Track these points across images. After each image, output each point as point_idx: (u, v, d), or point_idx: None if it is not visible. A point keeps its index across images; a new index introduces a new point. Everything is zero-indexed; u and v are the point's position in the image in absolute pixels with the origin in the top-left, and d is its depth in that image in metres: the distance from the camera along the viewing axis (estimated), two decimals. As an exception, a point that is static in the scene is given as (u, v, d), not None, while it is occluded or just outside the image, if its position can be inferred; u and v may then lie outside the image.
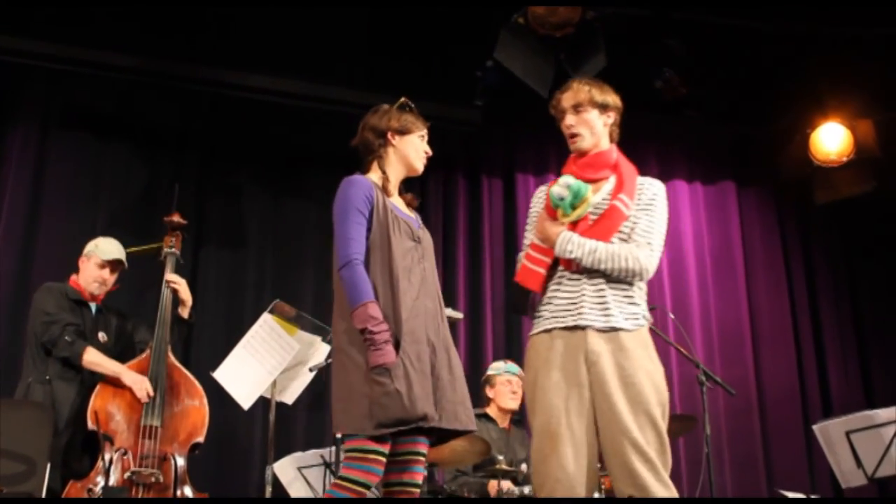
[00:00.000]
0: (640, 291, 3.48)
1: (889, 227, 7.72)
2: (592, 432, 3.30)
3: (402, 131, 3.64)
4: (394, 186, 3.66)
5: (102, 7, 6.13)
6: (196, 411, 5.11)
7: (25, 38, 6.32)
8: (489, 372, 5.91)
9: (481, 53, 6.25)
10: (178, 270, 5.44)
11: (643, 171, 7.82)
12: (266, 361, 5.08)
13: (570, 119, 3.54)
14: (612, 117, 3.59)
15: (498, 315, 7.23)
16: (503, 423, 5.74)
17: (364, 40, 6.58)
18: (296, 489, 5.46)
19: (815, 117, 7.08)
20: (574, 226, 3.43)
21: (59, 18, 6.20)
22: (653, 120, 7.26)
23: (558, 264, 3.45)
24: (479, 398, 6.06)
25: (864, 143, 6.98)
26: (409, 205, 3.74)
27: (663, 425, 3.28)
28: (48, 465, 4.13)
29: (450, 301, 6.89)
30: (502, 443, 5.60)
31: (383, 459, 3.33)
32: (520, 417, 5.83)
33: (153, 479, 4.81)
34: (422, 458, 3.50)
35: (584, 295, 3.38)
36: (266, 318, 5.22)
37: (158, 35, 6.38)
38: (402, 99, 3.72)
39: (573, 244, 3.37)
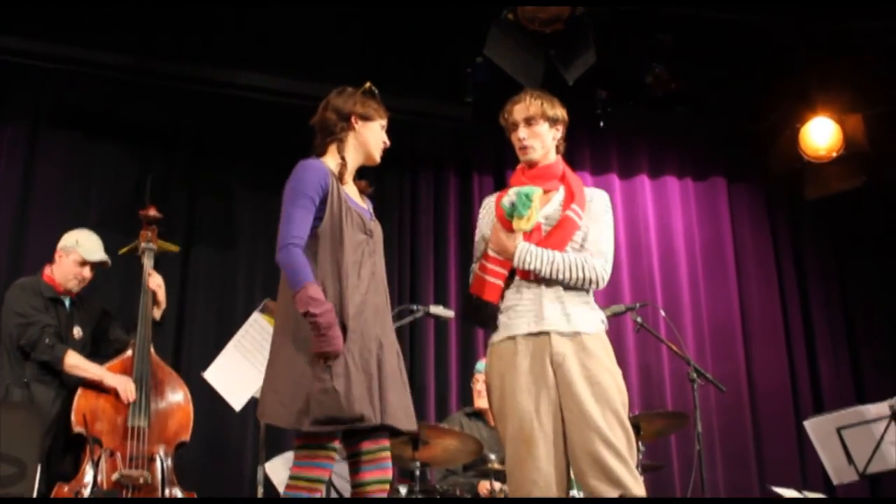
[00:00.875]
0: (592, 297, 3.56)
1: (879, 221, 7.74)
2: (561, 432, 3.37)
3: (366, 117, 3.58)
4: (349, 174, 3.59)
5: (92, 5, 6.09)
6: (181, 410, 5.09)
7: (15, 36, 6.30)
8: None
9: (471, 50, 6.25)
10: (167, 267, 5.42)
11: (634, 168, 7.91)
12: (257, 361, 5.06)
13: (522, 132, 3.61)
14: (560, 131, 3.67)
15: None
16: (493, 421, 5.73)
17: (355, 37, 6.56)
18: (287, 489, 5.45)
19: (805, 112, 7.08)
20: (528, 236, 3.50)
21: (48, 16, 6.17)
22: (643, 115, 7.28)
23: (515, 273, 3.52)
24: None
25: (853, 138, 6.98)
26: (362, 192, 3.67)
27: (628, 422, 3.38)
28: (39, 468, 4.10)
29: (441, 299, 6.89)
30: (493, 441, 5.59)
31: (334, 455, 3.31)
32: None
33: (142, 481, 4.76)
34: (388, 454, 3.46)
35: (544, 301, 3.46)
36: (256, 318, 5.20)
37: (149, 33, 6.35)
38: (367, 84, 3.65)
39: (532, 255, 3.45)
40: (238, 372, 5.09)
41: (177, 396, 5.11)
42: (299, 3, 6.20)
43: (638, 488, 3.26)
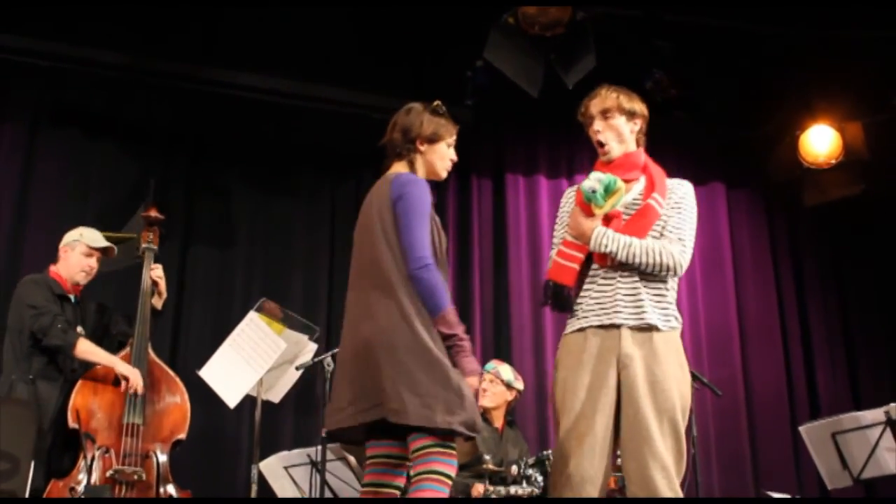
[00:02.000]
0: (671, 292, 3.52)
1: (877, 229, 7.76)
2: (612, 432, 3.38)
3: (433, 139, 3.55)
4: None
5: (93, 5, 6.11)
6: (177, 408, 5.10)
7: (15, 34, 6.31)
8: None
9: (472, 53, 6.25)
10: (165, 267, 5.42)
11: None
12: (252, 360, 5.07)
13: (597, 125, 3.59)
14: (638, 124, 3.63)
15: (487, 315, 7.23)
16: (497, 422, 5.73)
17: (354, 39, 6.57)
18: (282, 488, 5.46)
19: (805, 119, 7.10)
20: (607, 223, 3.48)
21: (49, 15, 6.19)
22: (643, 121, 7.26)
23: (591, 262, 3.51)
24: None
25: (852, 145, 6.99)
26: None
27: (683, 432, 3.37)
28: (32, 464, 4.10)
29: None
30: (493, 442, 5.59)
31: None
32: (512, 418, 5.83)
33: (136, 478, 4.79)
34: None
35: (618, 292, 3.44)
36: (253, 317, 5.21)
37: (148, 33, 6.37)
38: (436, 102, 3.60)
39: (608, 238, 3.43)
40: (233, 370, 5.10)
41: (173, 395, 5.12)
42: (300, 4, 6.22)
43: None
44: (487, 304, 7.25)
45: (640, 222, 3.47)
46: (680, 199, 3.54)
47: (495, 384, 5.70)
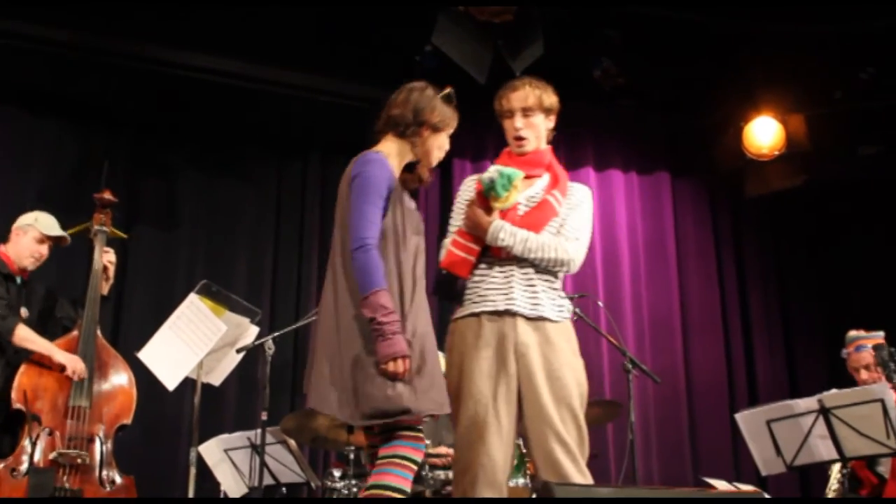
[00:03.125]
0: (560, 283, 3.59)
1: (817, 220, 7.89)
2: (515, 420, 3.43)
3: (438, 128, 3.48)
4: (398, 169, 3.48)
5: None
6: (124, 393, 5.09)
7: (-46, 9, 6.19)
8: None
9: (420, 38, 6.23)
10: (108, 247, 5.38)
11: (579, 160, 7.90)
12: (192, 342, 5.03)
13: (518, 122, 3.62)
14: (552, 121, 3.69)
15: (430, 300, 7.20)
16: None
17: (303, 21, 6.52)
18: (222, 471, 5.44)
19: (749, 111, 7.17)
20: (504, 215, 3.50)
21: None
22: (590, 109, 7.30)
23: (488, 251, 3.53)
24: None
25: (795, 137, 7.09)
26: (405, 185, 3.51)
27: (582, 417, 3.44)
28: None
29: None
30: (430, 426, 5.60)
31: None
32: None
33: (80, 461, 4.78)
34: None
35: (514, 281, 3.48)
36: (193, 299, 5.17)
37: (94, 9, 6.25)
38: (448, 89, 3.52)
39: (505, 232, 3.46)
40: (173, 352, 5.05)
41: (120, 379, 5.11)
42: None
43: (582, 481, 3.34)
44: (431, 288, 7.22)
45: (536, 216, 3.53)
46: (579, 202, 3.62)
47: None
